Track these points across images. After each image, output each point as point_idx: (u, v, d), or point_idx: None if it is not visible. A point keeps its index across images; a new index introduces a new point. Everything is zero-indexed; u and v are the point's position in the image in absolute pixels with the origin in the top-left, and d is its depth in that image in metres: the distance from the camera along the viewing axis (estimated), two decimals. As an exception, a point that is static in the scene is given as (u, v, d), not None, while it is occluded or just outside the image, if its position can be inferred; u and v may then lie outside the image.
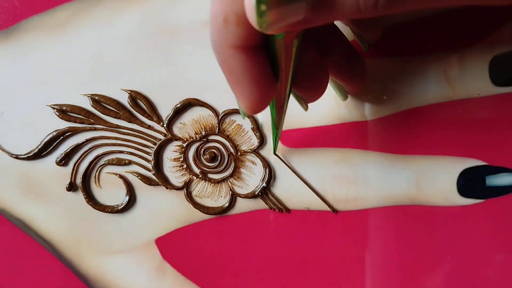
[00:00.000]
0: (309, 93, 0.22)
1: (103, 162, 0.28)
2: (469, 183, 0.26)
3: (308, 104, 0.23)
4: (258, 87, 0.17)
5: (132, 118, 0.28)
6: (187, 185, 0.28)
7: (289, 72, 0.18)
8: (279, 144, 0.27)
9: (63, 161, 0.28)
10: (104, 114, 0.28)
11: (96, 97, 0.28)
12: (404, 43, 0.26)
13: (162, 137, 0.28)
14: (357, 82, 0.24)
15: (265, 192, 0.27)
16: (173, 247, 0.28)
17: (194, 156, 0.28)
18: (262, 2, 0.13)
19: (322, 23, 0.15)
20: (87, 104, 0.28)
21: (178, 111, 0.27)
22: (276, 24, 0.14)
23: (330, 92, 0.27)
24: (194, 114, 0.28)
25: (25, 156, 0.28)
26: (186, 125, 0.28)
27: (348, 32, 0.24)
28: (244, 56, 0.16)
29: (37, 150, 0.28)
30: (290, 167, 0.27)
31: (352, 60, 0.23)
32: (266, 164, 0.27)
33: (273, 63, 0.18)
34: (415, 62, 0.26)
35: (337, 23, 0.23)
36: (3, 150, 0.28)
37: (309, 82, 0.21)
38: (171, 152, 0.28)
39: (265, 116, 0.27)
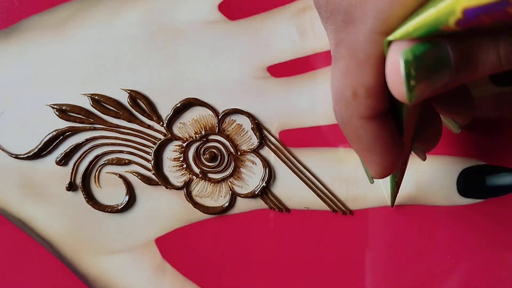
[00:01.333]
0: (428, 142, 0.22)
1: (103, 162, 0.28)
2: (469, 182, 0.26)
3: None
4: (390, 153, 0.17)
5: (132, 118, 0.28)
6: (187, 185, 0.28)
7: (413, 129, 0.19)
8: (278, 143, 0.27)
9: (63, 160, 0.28)
10: (104, 113, 0.28)
11: (96, 97, 0.28)
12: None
13: (162, 136, 0.28)
14: (468, 114, 0.23)
15: (265, 192, 0.27)
16: (173, 247, 0.28)
17: (194, 155, 0.28)
18: (411, 78, 0.13)
19: (463, 83, 0.15)
20: (87, 104, 0.28)
21: (178, 111, 0.27)
22: (424, 94, 0.14)
23: (329, 91, 0.27)
24: (194, 114, 0.28)
25: (25, 155, 0.28)
26: (186, 125, 0.28)
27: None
28: (375, 125, 0.17)
29: (36, 149, 0.28)
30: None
31: (459, 98, 0.22)
32: (266, 164, 0.27)
33: (398, 123, 0.18)
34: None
35: None
36: (3, 150, 0.28)
37: (426, 132, 0.21)
38: (171, 152, 0.28)
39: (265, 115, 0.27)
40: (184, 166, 0.28)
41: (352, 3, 0.15)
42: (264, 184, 0.27)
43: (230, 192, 0.28)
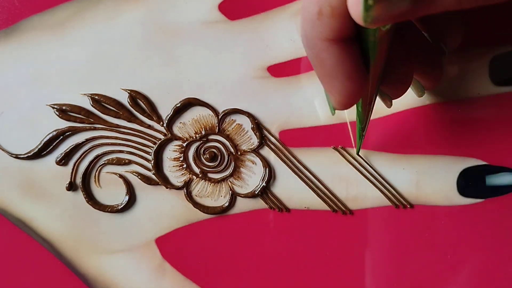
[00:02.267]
0: (395, 89, 0.22)
1: (103, 162, 0.28)
2: (469, 182, 0.26)
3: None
4: (352, 81, 0.17)
5: (132, 118, 0.28)
6: (187, 185, 0.28)
7: (381, 66, 0.18)
8: (278, 143, 0.27)
9: (63, 160, 0.28)
10: (104, 113, 0.28)
11: (96, 97, 0.28)
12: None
13: (162, 136, 0.28)
14: (437, 75, 0.23)
15: (265, 192, 0.27)
16: (173, 246, 0.28)
17: (194, 155, 0.28)
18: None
19: (422, 15, 0.15)
20: (87, 104, 0.28)
21: (178, 111, 0.27)
22: (380, 18, 0.14)
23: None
24: (194, 114, 0.28)
25: (25, 155, 0.28)
26: (186, 125, 0.28)
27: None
28: (338, 48, 0.16)
29: (37, 149, 0.28)
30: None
31: (432, 54, 0.22)
32: (266, 164, 0.27)
33: (364, 57, 0.17)
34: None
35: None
36: (3, 150, 0.28)
37: (396, 77, 0.21)
38: (171, 152, 0.28)
39: (266, 115, 0.27)
40: (184, 166, 0.28)
41: None
42: (264, 184, 0.27)
43: (230, 192, 0.28)
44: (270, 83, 0.27)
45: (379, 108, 0.27)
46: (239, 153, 0.28)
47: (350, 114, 0.27)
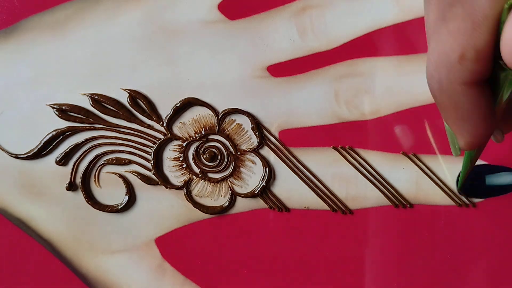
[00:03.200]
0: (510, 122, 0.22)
1: (103, 162, 0.28)
2: (469, 182, 0.26)
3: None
4: (485, 122, 0.17)
5: (131, 118, 0.28)
6: (187, 185, 0.28)
7: (505, 105, 0.18)
8: (277, 143, 0.27)
9: (63, 160, 0.28)
10: (103, 113, 0.28)
11: (96, 97, 0.28)
12: (403, 43, 0.26)
13: (162, 136, 0.28)
14: None
15: (264, 192, 0.27)
16: (173, 246, 0.28)
17: (194, 155, 0.28)
18: None
19: None
20: (87, 104, 0.28)
21: (178, 111, 0.27)
22: None
23: (330, 91, 0.27)
24: (194, 114, 0.28)
25: (25, 155, 0.28)
26: (186, 125, 0.28)
27: None
28: (477, 91, 0.16)
29: (36, 149, 0.28)
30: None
31: None
32: (266, 164, 0.27)
33: (494, 94, 0.17)
34: (415, 61, 0.26)
35: None
36: (3, 150, 0.28)
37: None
38: (171, 152, 0.28)
39: (265, 116, 0.27)
40: (184, 165, 0.28)
41: None
42: (264, 183, 0.27)
43: (230, 191, 0.28)
44: (270, 83, 0.27)
45: (379, 108, 0.27)
46: (239, 153, 0.28)
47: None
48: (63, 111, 0.28)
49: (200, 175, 0.28)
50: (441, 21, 0.16)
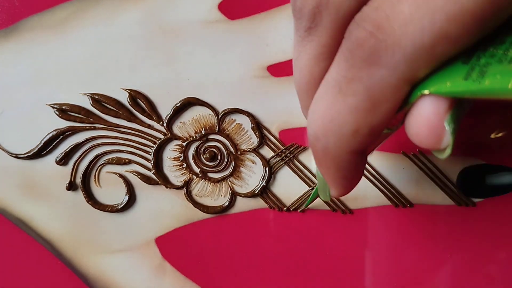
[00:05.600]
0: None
1: (103, 161, 0.28)
2: (468, 182, 0.26)
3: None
4: (360, 178, 0.18)
5: (132, 117, 0.28)
6: (187, 184, 0.28)
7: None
8: (278, 143, 0.27)
9: (63, 160, 0.28)
10: (104, 113, 0.28)
11: (96, 96, 0.28)
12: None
13: (162, 136, 0.28)
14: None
15: (265, 191, 0.27)
16: (173, 246, 0.28)
17: (194, 155, 0.28)
18: (453, 139, 0.14)
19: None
20: (87, 103, 0.28)
21: (178, 110, 0.27)
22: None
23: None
24: (194, 113, 0.28)
25: (25, 155, 0.28)
26: (186, 124, 0.28)
27: None
28: (360, 158, 0.16)
29: (37, 149, 0.28)
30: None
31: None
32: (266, 163, 0.27)
33: None
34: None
35: None
36: (3, 150, 0.28)
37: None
38: (171, 151, 0.28)
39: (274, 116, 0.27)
40: (184, 165, 0.28)
41: (381, 43, 0.13)
42: (264, 183, 0.27)
43: (230, 191, 0.28)
44: (270, 82, 0.27)
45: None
46: (239, 153, 0.28)
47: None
48: (63, 110, 0.28)
49: (200, 175, 0.28)
50: (336, 91, 0.15)
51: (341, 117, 0.15)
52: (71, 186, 0.28)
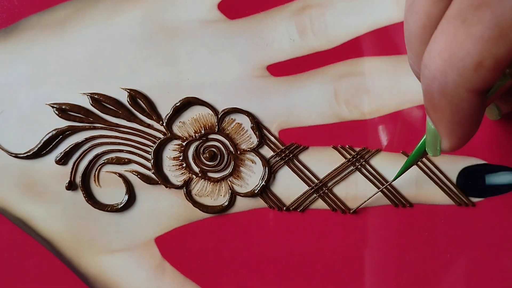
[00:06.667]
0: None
1: (103, 161, 0.28)
2: (468, 181, 0.26)
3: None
4: (477, 128, 0.17)
5: (131, 117, 0.28)
6: (186, 184, 0.28)
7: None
8: (277, 142, 0.27)
9: (63, 160, 0.28)
10: (103, 113, 0.28)
11: (96, 96, 0.28)
12: (403, 42, 0.26)
13: (161, 136, 0.28)
14: None
15: (264, 191, 0.27)
16: (172, 246, 0.28)
17: (193, 155, 0.28)
18: None
19: None
20: (87, 103, 0.28)
21: (178, 110, 0.27)
22: None
23: (330, 90, 0.27)
24: (194, 113, 0.28)
25: (25, 155, 0.28)
26: (186, 124, 0.28)
27: None
28: (480, 99, 0.15)
29: (36, 149, 0.28)
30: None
31: None
32: (266, 163, 0.27)
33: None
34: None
35: None
36: (3, 149, 0.28)
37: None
38: (170, 151, 0.28)
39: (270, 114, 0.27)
40: (184, 165, 0.28)
41: None
42: (263, 183, 0.27)
43: (229, 191, 0.28)
44: (270, 82, 0.27)
45: (379, 108, 0.27)
46: (238, 152, 0.28)
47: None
48: (63, 110, 0.28)
49: (200, 175, 0.28)
50: (459, 22, 0.14)
51: (464, 49, 0.14)
52: (71, 186, 0.28)
